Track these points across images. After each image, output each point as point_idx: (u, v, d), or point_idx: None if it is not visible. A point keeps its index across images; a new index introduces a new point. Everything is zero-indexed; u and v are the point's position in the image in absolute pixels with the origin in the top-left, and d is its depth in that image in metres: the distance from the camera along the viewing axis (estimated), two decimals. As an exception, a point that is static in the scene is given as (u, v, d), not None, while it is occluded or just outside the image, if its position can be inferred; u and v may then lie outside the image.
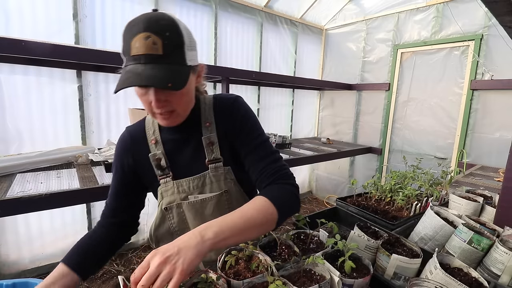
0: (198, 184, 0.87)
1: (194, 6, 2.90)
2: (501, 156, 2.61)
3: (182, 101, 0.76)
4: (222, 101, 0.89)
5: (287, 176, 0.82)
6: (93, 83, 2.38)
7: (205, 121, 0.86)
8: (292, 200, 0.78)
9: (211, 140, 0.86)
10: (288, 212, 0.76)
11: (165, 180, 0.87)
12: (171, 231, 0.92)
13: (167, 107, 0.74)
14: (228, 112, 0.87)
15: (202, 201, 0.87)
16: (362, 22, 3.70)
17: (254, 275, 0.71)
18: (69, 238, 2.46)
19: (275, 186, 0.78)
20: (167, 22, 0.67)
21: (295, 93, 4.10)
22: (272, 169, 0.81)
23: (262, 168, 0.81)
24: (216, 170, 0.87)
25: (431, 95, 3.09)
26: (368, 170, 3.81)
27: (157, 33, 0.65)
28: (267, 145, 0.86)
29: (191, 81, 0.75)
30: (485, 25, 2.64)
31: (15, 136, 2.10)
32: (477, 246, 0.85)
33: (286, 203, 0.76)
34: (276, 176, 0.80)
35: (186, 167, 0.88)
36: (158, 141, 0.87)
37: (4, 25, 1.98)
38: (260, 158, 0.83)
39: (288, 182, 0.80)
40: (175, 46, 0.68)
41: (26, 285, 0.70)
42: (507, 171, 1.03)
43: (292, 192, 0.78)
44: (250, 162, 0.84)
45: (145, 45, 0.64)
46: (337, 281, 0.69)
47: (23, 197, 1.31)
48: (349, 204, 1.26)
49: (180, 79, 0.68)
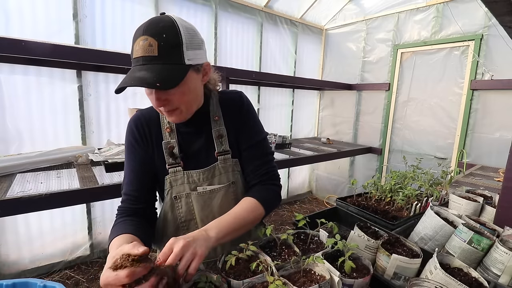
0: (208, 176, 0.91)
1: (194, 6, 2.90)
2: (501, 156, 2.61)
3: (183, 99, 0.78)
4: (227, 96, 0.96)
5: (274, 178, 0.97)
6: (93, 83, 2.38)
7: (213, 115, 0.92)
8: (276, 199, 0.96)
9: (220, 133, 0.91)
10: (272, 210, 0.95)
11: (175, 169, 0.89)
12: (177, 221, 0.93)
13: (169, 105, 0.77)
14: (233, 107, 0.94)
15: (211, 192, 0.91)
16: (362, 22, 3.70)
17: (254, 275, 0.71)
18: (69, 238, 2.47)
19: (264, 188, 0.93)
20: (165, 24, 0.71)
21: (295, 93, 4.10)
22: (265, 169, 0.95)
23: (256, 166, 0.94)
24: (225, 161, 0.92)
25: (431, 95, 3.09)
26: (368, 170, 3.81)
27: (153, 35, 0.69)
28: (264, 144, 0.97)
29: (193, 79, 0.78)
30: (485, 25, 2.64)
31: (15, 136, 2.10)
32: (477, 246, 0.85)
33: (272, 203, 0.94)
34: (266, 177, 0.95)
35: (196, 158, 0.92)
36: (173, 130, 0.90)
37: (4, 25, 1.98)
38: (256, 156, 0.95)
39: (275, 183, 0.97)
40: (172, 46, 0.70)
41: (26, 285, 0.70)
42: (507, 171, 1.03)
43: (277, 192, 0.96)
44: (247, 157, 0.95)
45: (143, 47, 0.69)
46: (337, 281, 0.69)
47: (23, 197, 1.31)
48: (349, 204, 1.26)
49: (173, 78, 0.70)
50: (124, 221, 0.82)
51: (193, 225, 0.92)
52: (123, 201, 0.88)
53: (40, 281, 0.67)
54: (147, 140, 0.90)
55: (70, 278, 2.36)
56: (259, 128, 0.97)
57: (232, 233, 0.78)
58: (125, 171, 0.90)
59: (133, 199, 0.87)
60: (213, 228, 0.75)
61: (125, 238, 0.73)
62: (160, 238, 0.96)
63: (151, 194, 0.93)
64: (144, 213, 0.89)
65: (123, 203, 0.88)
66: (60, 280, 2.31)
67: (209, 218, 0.90)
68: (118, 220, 0.83)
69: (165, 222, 0.94)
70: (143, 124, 0.90)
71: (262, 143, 0.96)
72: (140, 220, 0.85)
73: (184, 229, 0.93)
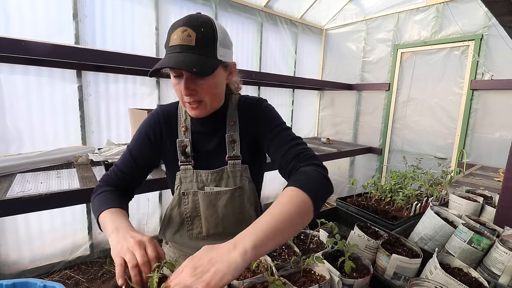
0: (216, 178, 0.92)
1: (194, 6, 2.90)
2: (501, 156, 2.61)
3: (210, 92, 0.81)
4: (246, 102, 0.95)
5: (309, 157, 0.78)
6: (93, 83, 2.38)
7: (230, 119, 0.92)
8: (319, 179, 0.71)
9: (233, 138, 0.92)
10: (318, 193, 0.67)
11: (186, 167, 0.92)
12: (183, 216, 0.96)
13: (196, 96, 0.79)
14: (252, 112, 0.93)
15: (217, 193, 0.92)
16: (362, 22, 3.70)
17: (254, 275, 0.71)
18: (69, 238, 2.47)
19: (298, 172, 0.75)
20: (204, 20, 0.76)
21: (295, 93, 4.09)
22: (293, 153, 0.80)
23: (283, 153, 0.82)
24: (234, 166, 0.92)
25: (431, 95, 3.09)
26: (368, 170, 3.81)
27: (193, 27, 0.74)
28: (288, 132, 0.88)
29: (220, 75, 0.82)
30: (485, 25, 2.64)
31: (15, 136, 2.10)
32: (477, 246, 0.85)
33: (315, 185, 0.68)
34: (298, 160, 0.78)
35: (207, 159, 0.93)
36: (188, 129, 0.92)
37: (4, 25, 1.98)
38: (280, 144, 0.84)
39: (313, 162, 0.76)
40: (208, 40, 0.75)
41: (26, 285, 0.70)
42: (507, 171, 1.03)
43: (317, 172, 0.72)
44: (272, 151, 0.87)
45: (181, 37, 0.73)
46: (337, 281, 0.69)
47: (23, 197, 1.31)
48: (349, 204, 1.26)
49: (207, 67, 0.74)
50: (114, 191, 0.87)
51: (197, 221, 0.95)
52: (110, 176, 0.92)
53: (40, 281, 0.67)
54: (161, 136, 0.92)
55: (70, 278, 2.36)
56: (279, 121, 0.91)
57: (275, 236, 0.57)
58: (126, 153, 0.93)
59: (120, 181, 0.91)
60: (245, 237, 0.55)
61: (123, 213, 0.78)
62: (164, 229, 1.00)
63: (136, 182, 0.96)
64: (126, 191, 0.93)
65: (109, 177, 0.92)
66: (60, 280, 2.31)
67: (213, 217, 0.94)
68: (106, 188, 0.87)
69: (171, 215, 0.97)
70: (161, 120, 0.93)
71: (285, 132, 0.88)
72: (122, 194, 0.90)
73: (189, 224, 0.96)
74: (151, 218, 2.86)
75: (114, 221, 0.72)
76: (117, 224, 0.71)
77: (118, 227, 0.69)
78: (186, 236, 0.98)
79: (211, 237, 0.97)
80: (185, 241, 0.98)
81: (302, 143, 0.85)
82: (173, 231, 0.99)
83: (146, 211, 2.82)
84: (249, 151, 0.94)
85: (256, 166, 0.97)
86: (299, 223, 0.63)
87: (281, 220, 0.59)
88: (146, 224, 2.84)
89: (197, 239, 0.97)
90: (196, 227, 0.96)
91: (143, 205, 2.79)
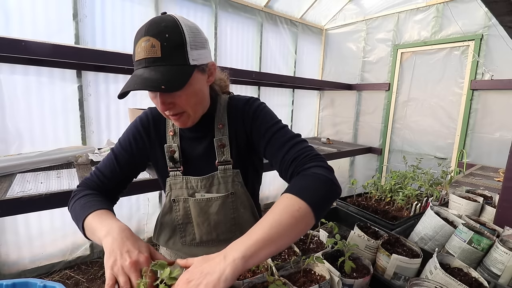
0: (206, 184, 0.88)
1: (194, 6, 2.90)
2: (501, 156, 2.61)
3: (189, 102, 0.74)
4: (236, 102, 0.88)
5: (310, 158, 0.72)
6: (93, 83, 2.38)
7: (218, 122, 0.86)
8: (321, 183, 0.65)
9: (222, 142, 0.86)
10: (323, 199, 0.64)
11: (175, 173, 0.89)
12: (175, 223, 0.93)
13: (174, 109, 0.74)
14: (242, 113, 0.85)
15: (208, 200, 0.88)
16: (362, 22, 3.70)
17: (254, 275, 0.71)
18: (69, 238, 2.46)
19: (297, 177, 0.69)
20: (168, 24, 0.68)
21: (295, 93, 4.09)
22: (292, 156, 0.74)
23: (281, 158, 0.76)
24: (225, 172, 0.87)
25: (431, 95, 3.09)
26: (368, 170, 3.81)
27: (155, 36, 0.66)
28: (283, 132, 0.80)
29: (198, 80, 0.74)
30: (485, 25, 2.64)
31: (15, 136, 2.10)
32: (477, 246, 0.85)
33: (314, 190, 0.64)
34: (297, 162, 0.72)
35: (197, 165, 0.89)
36: (176, 134, 0.88)
37: (4, 25, 1.98)
38: (277, 148, 0.77)
39: (314, 164, 0.69)
40: (175, 46, 0.67)
41: (26, 285, 0.70)
42: (507, 171, 1.03)
43: (319, 174, 0.66)
44: (270, 155, 0.81)
45: (145, 48, 0.66)
46: (337, 281, 0.69)
47: (23, 197, 1.31)
48: (349, 204, 1.26)
49: (178, 80, 0.67)
50: (96, 194, 0.82)
51: (190, 228, 0.93)
52: (92, 179, 0.87)
53: (40, 281, 0.67)
54: (150, 141, 0.89)
55: (70, 278, 2.36)
56: (272, 121, 0.83)
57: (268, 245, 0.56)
58: (110, 156, 0.87)
59: (103, 185, 0.86)
60: (237, 247, 0.55)
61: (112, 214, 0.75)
62: (157, 235, 0.98)
63: (120, 187, 0.91)
64: (108, 196, 0.88)
65: (91, 181, 0.86)
66: (60, 280, 2.31)
67: (205, 224, 0.90)
68: (87, 192, 0.82)
69: (163, 221, 0.96)
70: (150, 123, 0.89)
71: (281, 132, 0.80)
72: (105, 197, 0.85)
73: (181, 231, 0.94)
74: (151, 218, 2.85)
75: (104, 223, 0.68)
76: (109, 227, 0.67)
77: (111, 231, 0.66)
78: (179, 243, 0.95)
79: (204, 243, 0.94)
80: (178, 247, 0.96)
81: (302, 142, 0.78)
82: (166, 238, 0.96)
83: (146, 211, 2.82)
84: (241, 154, 0.88)
85: (250, 169, 0.92)
86: (295, 231, 0.60)
87: (274, 229, 0.57)
88: (146, 224, 2.84)
89: (191, 246, 0.95)
90: (189, 234, 0.93)
91: (143, 205, 2.79)
